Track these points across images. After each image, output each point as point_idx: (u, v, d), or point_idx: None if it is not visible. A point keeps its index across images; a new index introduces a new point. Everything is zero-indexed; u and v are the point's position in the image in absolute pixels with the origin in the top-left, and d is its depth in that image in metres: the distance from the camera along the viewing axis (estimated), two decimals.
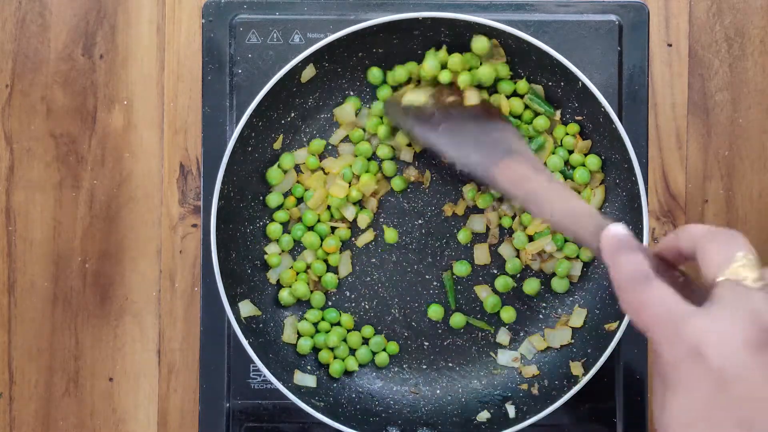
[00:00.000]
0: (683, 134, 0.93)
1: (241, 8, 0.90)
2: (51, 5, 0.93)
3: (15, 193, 0.93)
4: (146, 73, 0.93)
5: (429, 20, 0.86)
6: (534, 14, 0.90)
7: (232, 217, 0.88)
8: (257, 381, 0.90)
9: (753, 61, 0.93)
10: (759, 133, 0.93)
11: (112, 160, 0.93)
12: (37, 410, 0.93)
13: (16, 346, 0.93)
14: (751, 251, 0.60)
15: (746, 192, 0.93)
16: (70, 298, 0.93)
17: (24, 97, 0.93)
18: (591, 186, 0.89)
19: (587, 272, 0.90)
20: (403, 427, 0.88)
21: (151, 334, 0.93)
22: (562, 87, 0.88)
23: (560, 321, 0.90)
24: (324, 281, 0.90)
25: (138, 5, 0.93)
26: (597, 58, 0.89)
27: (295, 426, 0.90)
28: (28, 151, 0.93)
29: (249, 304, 0.88)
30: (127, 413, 0.93)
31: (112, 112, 0.93)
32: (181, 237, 0.93)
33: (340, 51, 0.87)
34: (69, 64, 0.93)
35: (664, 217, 0.92)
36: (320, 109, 0.91)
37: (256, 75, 0.89)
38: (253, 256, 0.90)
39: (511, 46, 0.87)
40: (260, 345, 0.87)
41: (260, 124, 0.87)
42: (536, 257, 0.90)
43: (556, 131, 0.89)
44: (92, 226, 0.93)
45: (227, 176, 0.85)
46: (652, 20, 0.92)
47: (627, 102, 0.90)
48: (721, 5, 0.93)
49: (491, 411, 0.89)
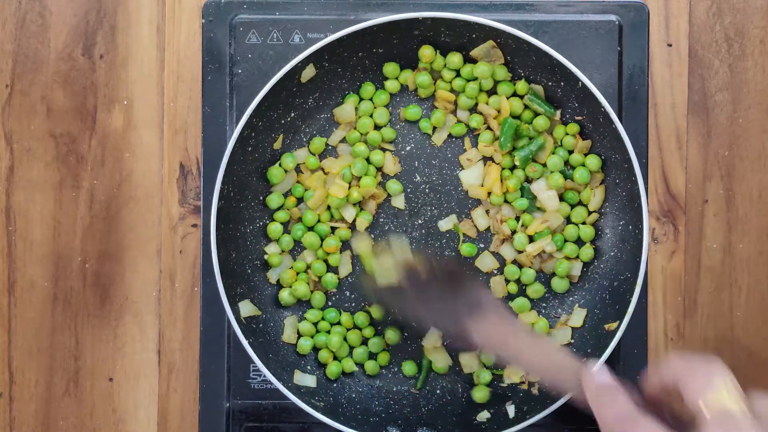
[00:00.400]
0: (683, 134, 0.93)
1: (241, 8, 0.90)
2: (51, 5, 0.93)
3: (15, 193, 0.93)
4: (146, 73, 0.93)
5: (429, 20, 0.86)
6: (534, 14, 0.90)
7: (231, 217, 0.88)
8: (257, 381, 0.90)
9: (753, 61, 0.93)
10: (759, 133, 0.93)
11: (112, 160, 0.93)
12: (37, 410, 0.93)
13: (16, 346, 0.93)
14: (730, 375, 0.62)
15: (746, 192, 0.93)
16: (70, 298, 0.93)
17: (24, 97, 0.93)
18: (591, 186, 0.89)
19: (587, 272, 0.90)
20: (403, 427, 0.88)
21: (151, 334, 0.93)
22: (562, 87, 0.88)
23: (560, 321, 0.90)
24: (324, 281, 0.90)
25: (138, 5, 0.93)
26: (597, 58, 0.89)
27: (294, 426, 0.90)
28: (28, 151, 0.93)
29: (249, 304, 0.88)
30: (127, 413, 0.93)
31: (112, 112, 0.93)
32: (181, 237, 0.93)
33: (340, 51, 0.87)
34: (69, 64, 0.93)
35: (664, 217, 0.92)
36: (320, 109, 0.91)
37: (256, 75, 0.89)
38: (253, 256, 0.90)
39: (510, 45, 0.87)
40: (260, 345, 0.87)
41: (260, 124, 0.87)
42: (536, 258, 0.90)
43: (556, 131, 0.89)
44: (92, 226, 0.93)
45: (227, 176, 0.85)
46: (652, 20, 0.92)
47: (627, 102, 0.90)
48: (721, 5, 0.93)
49: (491, 411, 0.89)
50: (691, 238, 0.93)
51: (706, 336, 0.93)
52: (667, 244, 0.92)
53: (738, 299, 0.92)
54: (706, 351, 0.92)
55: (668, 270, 0.92)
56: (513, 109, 0.88)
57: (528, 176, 0.89)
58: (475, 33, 0.87)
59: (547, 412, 0.85)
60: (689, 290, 0.92)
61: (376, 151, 0.89)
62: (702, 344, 0.93)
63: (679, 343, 0.92)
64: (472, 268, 0.90)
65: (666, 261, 0.92)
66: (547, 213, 0.89)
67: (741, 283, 0.93)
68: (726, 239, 0.93)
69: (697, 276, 0.93)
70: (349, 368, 0.90)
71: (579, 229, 0.89)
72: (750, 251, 0.93)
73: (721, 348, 0.92)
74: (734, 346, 0.93)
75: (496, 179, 0.89)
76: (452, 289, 0.82)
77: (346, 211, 0.89)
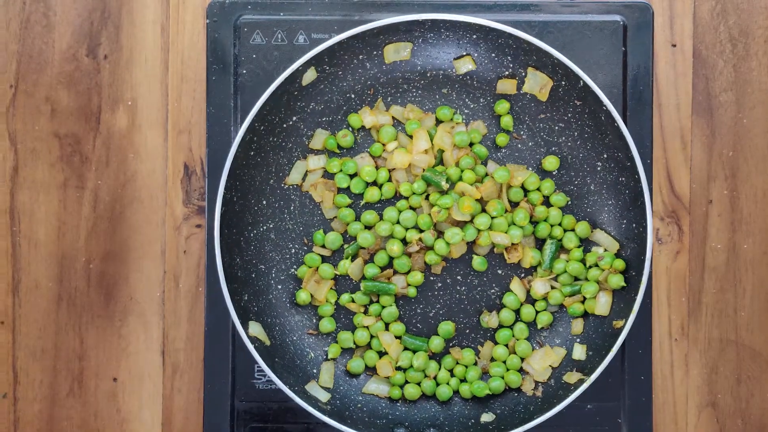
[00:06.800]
0: (687, 134, 0.93)
1: (245, 9, 0.90)
2: (55, 6, 0.93)
3: (19, 193, 0.93)
4: (150, 74, 0.93)
5: (429, 22, 0.86)
6: (539, 15, 0.90)
7: (235, 222, 0.88)
8: (262, 381, 0.90)
9: (757, 62, 0.93)
10: (763, 133, 0.93)
11: (116, 161, 0.93)
12: (41, 410, 0.93)
13: (21, 347, 0.93)
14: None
15: (750, 192, 0.93)
16: (75, 298, 0.93)
17: (28, 98, 0.93)
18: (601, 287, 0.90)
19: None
20: (410, 428, 0.88)
21: (156, 335, 0.93)
22: (563, 86, 0.88)
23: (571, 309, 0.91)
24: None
25: (142, 6, 0.93)
26: (601, 58, 0.89)
27: (299, 426, 0.90)
28: (33, 152, 0.93)
29: (257, 326, 0.88)
30: (131, 413, 0.93)
31: (116, 112, 0.93)
32: (185, 237, 0.93)
33: (341, 54, 0.87)
34: (73, 65, 0.93)
35: (669, 218, 0.92)
36: (323, 113, 0.90)
37: (260, 75, 0.89)
38: (257, 260, 0.90)
39: (512, 45, 0.87)
40: (266, 349, 0.87)
41: (262, 129, 0.87)
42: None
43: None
44: (96, 226, 0.93)
45: (230, 181, 0.85)
46: (656, 20, 0.92)
47: (631, 102, 0.90)
48: (725, 5, 0.93)
49: (496, 412, 0.89)
50: (696, 239, 0.93)
51: (710, 336, 0.93)
52: (672, 245, 0.92)
53: (742, 299, 0.92)
54: (710, 351, 0.92)
55: (673, 270, 0.92)
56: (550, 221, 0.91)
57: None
58: (476, 34, 0.87)
59: (552, 412, 0.85)
60: (693, 290, 0.92)
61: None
62: (706, 345, 0.93)
63: (683, 343, 0.92)
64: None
65: (670, 261, 0.92)
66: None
67: (745, 284, 0.93)
68: (730, 240, 0.93)
69: (701, 276, 0.93)
70: (371, 362, 0.90)
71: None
72: (754, 251, 0.93)
73: (725, 348, 0.93)
74: (738, 347, 0.93)
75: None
76: None
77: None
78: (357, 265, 0.90)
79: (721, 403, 0.93)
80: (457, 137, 0.89)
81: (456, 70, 0.90)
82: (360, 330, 0.90)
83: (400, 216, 0.89)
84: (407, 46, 0.89)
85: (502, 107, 0.90)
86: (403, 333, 0.90)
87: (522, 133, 0.91)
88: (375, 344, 0.90)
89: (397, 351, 0.90)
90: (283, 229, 0.91)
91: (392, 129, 0.90)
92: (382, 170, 0.90)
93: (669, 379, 0.92)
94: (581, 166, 0.90)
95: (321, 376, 0.89)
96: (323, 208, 0.91)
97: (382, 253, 0.90)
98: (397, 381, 0.90)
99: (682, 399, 0.92)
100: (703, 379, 0.93)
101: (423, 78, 0.90)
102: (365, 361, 0.90)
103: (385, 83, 0.90)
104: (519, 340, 0.90)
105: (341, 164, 0.90)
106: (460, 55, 0.89)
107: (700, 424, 0.92)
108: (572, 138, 0.90)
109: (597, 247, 0.90)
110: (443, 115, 0.90)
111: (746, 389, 0.93)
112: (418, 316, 0.91)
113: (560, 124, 0.90)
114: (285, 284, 0.91)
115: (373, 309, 0.90)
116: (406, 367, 0.90)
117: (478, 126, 0.90)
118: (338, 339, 0.90)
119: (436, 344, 0.90)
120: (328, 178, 0.91)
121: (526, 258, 0.90)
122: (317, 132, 0.90)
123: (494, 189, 0.89)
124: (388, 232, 0.89)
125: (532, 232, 0.90)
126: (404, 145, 0.90)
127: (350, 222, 0.90)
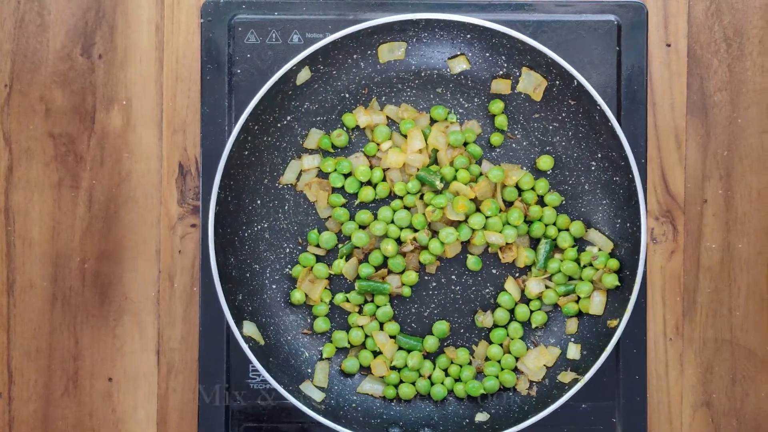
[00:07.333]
0: (682, 134, 0.93)
1: (239, 8, 0.90)
2: (50, 5, 0.93)
3: (14, 193, 0.93)
4: (145, 73, 0.93)
5: (423, 21, 0.86)
6: (533, 14, 0.90)
7: (229, 222, 0.88)
8: (256, 381, 0.90)
9: (752, 61, 0.93)
10: (758, 133, 0.93)
11: (111, 160, 0.93)
12: (36, 410, 0.93)
13: (15, 346, 0.93)
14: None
15: (745, 192, 0.93)
16: (69, 298, 0.93)
17: (23, 97, 0.93)
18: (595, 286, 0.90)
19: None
20: (405, 428, 0.88)
21: (150, 334, 0.93)
22: (557, 86, 0.88)
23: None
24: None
25: (137, 5, 0.93)
26: (596, 58, 0.89)
27: (294, 426, 0.90)
28: (27, 151, 0.93)
29: (252, 326, 0.88)
30: (126, 413, 0.93)
31: (110, 111, 0.93)
32: (180, 237, 0.93)
33: (335, 53, 0.87)
34: (68, 64, 0.93)
35: (663, 217, 0.92)
36: (317, 112, 0.91)
37: (255, 75, 0.89)
38: (251, 259, 0.90)
39: (506, 45, 0.87)
40: (260, 349, 0.87)
41: (256, 128, 0.87)
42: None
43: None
44: (91, 226, 0.93)
45: (224, 181, 0.85)
46: (650, 20, 0.92)
47: (626, 102, 0.90)
48: (720, 5, 0.93)
49: (491, 411, 0.89)
50: (690, 238, 0.93)
51: (705, 336, 0.93)
52: (666, 244, 0.92)
53: (737, 299, 0.92)
54: (705, 351, 0.93)
55: (667, 270, 0.92)
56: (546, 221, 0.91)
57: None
58: (471, 33, 0.87)
59: (547, 412, 0.85)
60: (688, 290, 0.92)
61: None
62: (701, 344, 0.93)
63: (678, 343, 0.92)
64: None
65: (665, 261, 0.92)
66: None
67: (740, 283, 0.93)
68: (725, 239, 0.93)
69: (696, 276, 0.93)
70: (366, 362, 0.90)
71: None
72: (749, 251, 0.93)
73: (720, 348, 0.93)
74: (733, 346, 0.93)
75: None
76: None
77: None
78: (351, 264, 0.90)
79: (715, 402, 0.93)
80: (452, 137, 0.89)
81: (450, 70, 0.90)
82: (354, 329, 0.90)
83: (395, 215, 0.89)
84: (401, 46, 0.89)
85: (496, 107, 0.90)
86: (397, 332, 0.90)
87: (516, 132, 0.91)
88: (369, 344, 0.90)
89: (392, 350, 0.90)
90: (277, 228, 0.91)
91: (386, 128, 0.90)
92: (377, 170, 0.90)
93: (664, 378, 0.92)
94: (575, 165, 0.90)
95: (315, 376, 0.89)
96: (318, 208, 0.91)
97: (376, 252, 0.90)
98: (391, 380, 0.90)
99: (677, 399, 0.93)
100: (698, 379, 0.93)
101: (417, 77, 0.90)
102: (360, 360, 0.90)
103: (380, 83, 0.90)
104: (513, 340, 0.90)
105: (335, 164, 0.90)
106: (455, 54, 0.89)
107: (695, 423, 0.93)
108: (566, 137, 0.90)
109: (591, 247, 0.90)
110: (437, 114, 0.90)
111: (741, 389, 0.93)
112: (413, 316, 0.91)
113: (554, 124, 0.90)
114: (279, 284, 0.91)
115: (368, 308, 0.90)
116: (400, 366, 0.90)
117: (473, 125, 0.90)
118: (333, 338, 0.90)
119: (431, 344, 0.90)
120: (323, 178, 0.91)
121: (521, 257, 0.90)
122: (311, 131, 0.90)
123: (488, 188, 0.89)
124: (383, 231, 0.89)
125: (527, 232, 0.90)
126: (399, 145, 0.90)
127: (345, 221, 0.90)
